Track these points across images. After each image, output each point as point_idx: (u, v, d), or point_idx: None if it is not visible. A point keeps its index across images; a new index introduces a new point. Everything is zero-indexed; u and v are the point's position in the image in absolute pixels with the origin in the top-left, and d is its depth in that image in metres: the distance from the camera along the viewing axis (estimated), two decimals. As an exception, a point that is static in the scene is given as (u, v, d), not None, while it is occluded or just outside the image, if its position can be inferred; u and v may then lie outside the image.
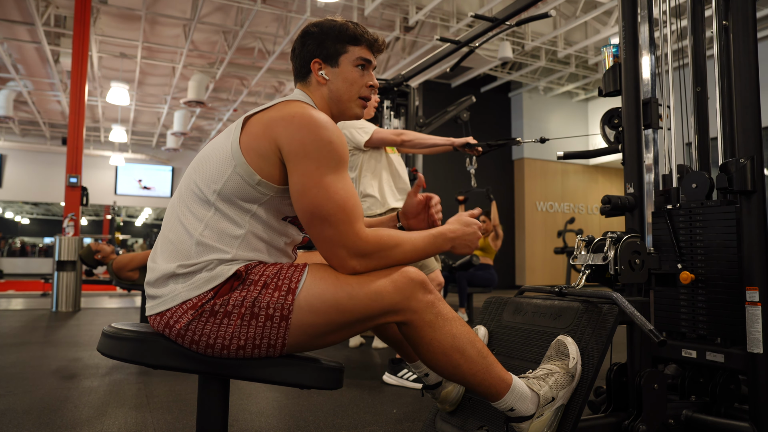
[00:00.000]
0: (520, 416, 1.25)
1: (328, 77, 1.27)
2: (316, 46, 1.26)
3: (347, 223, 1.11)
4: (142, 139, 14.65)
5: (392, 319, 1.16)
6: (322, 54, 1.26)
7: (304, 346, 1.14)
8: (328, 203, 1.10)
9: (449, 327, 1.18)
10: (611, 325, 1.36)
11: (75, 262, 5.90)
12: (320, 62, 1.27)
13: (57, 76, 9.31)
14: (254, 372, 1.12)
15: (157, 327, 1.13)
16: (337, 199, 1.10)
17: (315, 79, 1.28)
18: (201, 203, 1.15)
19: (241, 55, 8.74)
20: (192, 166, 1.24)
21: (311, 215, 1.11)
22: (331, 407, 2.19)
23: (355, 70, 1.28)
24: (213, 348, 1.09)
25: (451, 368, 1.19)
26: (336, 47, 1.26)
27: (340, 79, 1.27)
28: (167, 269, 1.12)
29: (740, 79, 1.63)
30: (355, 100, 1.29)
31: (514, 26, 3.15)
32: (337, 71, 1.27)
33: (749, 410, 1.56)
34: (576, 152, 2.01)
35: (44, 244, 20.27)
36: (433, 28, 7.86)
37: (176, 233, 1.15)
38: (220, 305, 1.08)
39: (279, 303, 1.09)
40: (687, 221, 1.77)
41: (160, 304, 1.12)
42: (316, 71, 1.27)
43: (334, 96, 1.28)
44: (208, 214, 1.14)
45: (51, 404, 2.19)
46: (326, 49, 1.26)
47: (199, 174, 1.18)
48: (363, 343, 3.76)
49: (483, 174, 5.11)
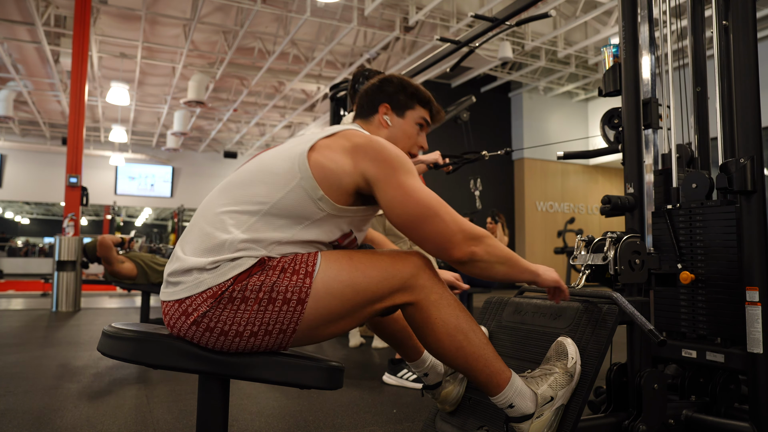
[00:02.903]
0: (520, 414, 1.26)
1: (391, 123, 1.39)
2: (391, 94, 1.40)
3: (452, 212, 1.20)
4: (142, 139, 14.65)
5: (401, 299, 1.20)
6: (393, 102, 1.40)
7: (312, 333, 1.15)
8: (431, 199, 1.19)
9: (453, 308, 1.23)
10: (611, 325, 1.36)
11: (75, 262, 5.90)
12: (388, 108, 1.39)
13: (57, 76, 9.32)
14: (255, 372, 1.12)
15: (172, 315, 1.13)
16: (433, 195, 1.21)
17: (378, 121, 1.39)
18: (251, 205, 1.15)
19: (241, 55, 8.75)
20: (248, 167, 1.24)
21: (419, 215, 1.18)
22: (331, 407, 2.19)
23: (414, 127, 1.41)
24: (226, 336, 1.10)
25: (455, 350, 1.22)
26: (407, 101, 1.40)
27: (401, 130, 1.40)
28: (197, 263, 1.12)
29: (740, 79, 1.63)
30: (405, 152, 1.40)
31: (514, 26, 3.15)
32: (400, 122, 1.40)
33: (749, 410, 1.56)
34: (576, 152, 2.01)
35: (44, 244, 20.28)
36: (433, 28, 7.86)
37: (215, 229, 1.14)
38: (239, 291, 1.09)
39: (297, 286, 1.11)
40: (687, 221, 1.77)
41: (182, 291, 1.12)
42: (381, 114, 1.39)
43: (391, 142, 1.36)
44: (253, 219, 1.14)
45: (51, 404, 2.19)
46: (398, 99, 1.40)
47: (253, 180, 1.19)
48: (363, 343, 3.77)
49: (483, 174, 5.09)
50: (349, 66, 9.07)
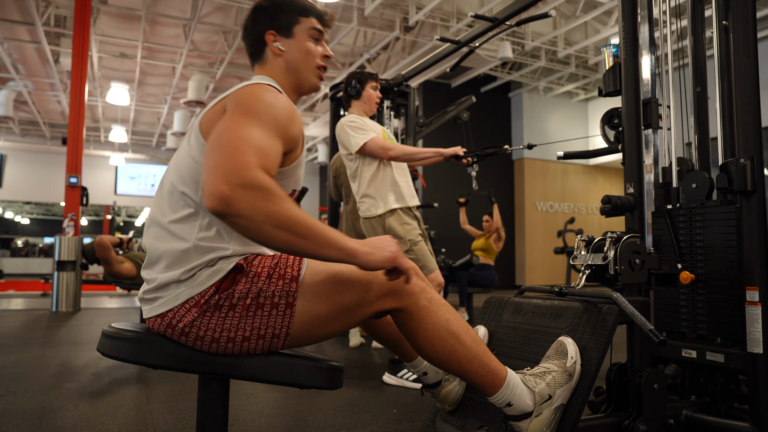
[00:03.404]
0: (519, 413, 1.25)
1: (284, 48, 1.28)
2: (269, 19, 1.28)
3: (245, 151, 0.98)
4: (142, 139, 14.65)
5: (389, 304, 1.17)
6: (276, 26, 1.28)
7: (305, 335, 1.14)
8: (235, 133, 1.01)
9: (443, 312, 1.21)
10: (611, 325, 1.36)
11: (75, 262, 5.90)
12: (274, 34, 1.28)
13: (57, 76, 9.32)
14: (254, 372, 1.12)
15: (158, 329, 1.13)
16: (245, 134, 1.01)
17: (271, 52, 1.28)
18: (187, 206, 1.13)
19: (241, 55, 8.74)
20: (169, 170, 1.21)
21: (211, 143, 1.01)
22: (331, 407, 2.19)
23: (309, 40, 1.30)
24: (218, 342, 1.09)
25: (448, 353, 1.20)
26: (288, 18, 1.28)
27: (296, 49, 1.28)
28: (170, 277, 1.11)
29: (740, 79, 1.63)
30: (312, 69, 1.31)
31: (514, 26, 3.15)
32: (291, 42, 1.28)
33: (749, 410, 1.56)
34: (576, 152, 2.01)
35: (44, 244, 20.27)
36: (433, 28, 7.86)
37: (170, 243, 1.13)
38: (225, 299, 1.09)
39: (284, 291, 1.10)
40: (687, 221, 1.77)
41: (161, 306, 1.11)
42: (270, 43, 1.28)
43: (292, 67, 1.29)
44: (198, 217, 1.12)
45: (51, 404, 2.19)
46: (279, 20, 1.28)
47: (176, 176, 1.16)
48: (363, 343, 3.77)
49: (483, 174, 5.08)
50: (349, 66, 9.07)
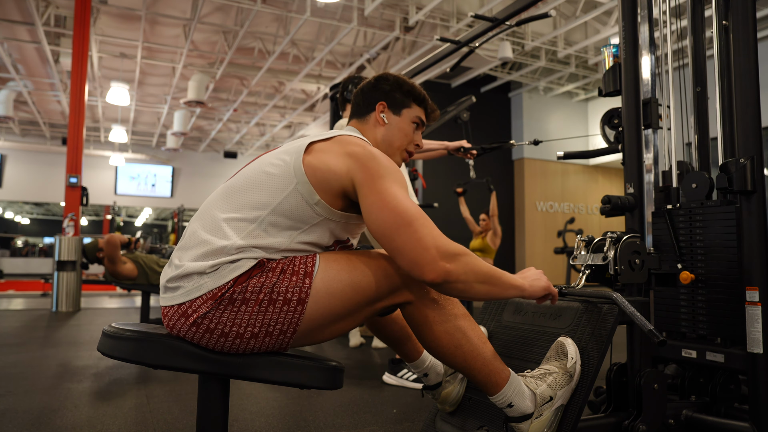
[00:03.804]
0: (519, 414, 1.26)
1: (388, 121, 1.39)
2: (386, 93, 1.40)
3: (431, 226, 1.13)
4: (142, 139, 14.65)
5: (400, 298, 1.20)
6: (390, 100, 1.40)
7: (312, 334, 1.15)
8: (409, 208, 1.13)
9: (451, 307, 1.24)
10: (611, 325, 1.36)
11: (75, 262, 5.90)
12: (385, 106, 1.39)
13: (57, 76, 9.31)
14: (254, 372, 1.12)
15: (171, 318, 1.13)
16: (414, 206, 1.15)
17: (374, 118, 1.40)
18: (249, 212, 1.16)
19: (241, 55, 8.74)
20: (240, 175, 1.24)
21: (393, 223, 1.12)
22: (331, 407, 2.19)
23: (411, 125, 1.41)
24: (227, 337, 1.10)
25: (454, 348, 1.23)
26: (403, 99, 1.40)
27: (397, 127, 1.40)
28: (197, 267, 1.12)
29: (740, 79, 1.63)
30: (401, 150, 1.41)
31: (514, 26, 3.15)
32: (396, 119, 1.40)
33: (749, 410, 1.56)
34: (576, 152, 2.01)
35: (44, 244, 20.27)
36: (433, 28, 7.86)
37: (213, 236, 1.14)
38: (239, 293, 1.10)
39: (297, 287, 1.12)
40: (687, 221, 1.77)
41: (182, 295, 1.12)
42: (378, 111, 1.39)
43: (387, 139, 1.39)
44: (252, 225, 1.15)
45: (51, 404, 2.19)
46: (394, 97, 1.40)
47: (247, 184, 1.20)
48: (363, 343, 3.77)
49: (483, 174, 5.08)
50: (349, 66, 9.07)
